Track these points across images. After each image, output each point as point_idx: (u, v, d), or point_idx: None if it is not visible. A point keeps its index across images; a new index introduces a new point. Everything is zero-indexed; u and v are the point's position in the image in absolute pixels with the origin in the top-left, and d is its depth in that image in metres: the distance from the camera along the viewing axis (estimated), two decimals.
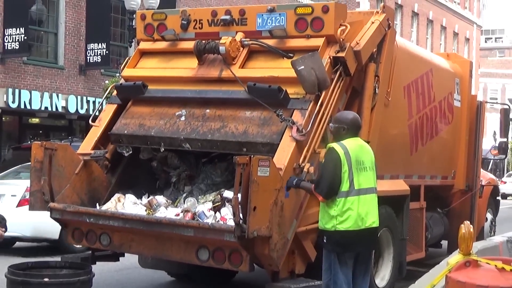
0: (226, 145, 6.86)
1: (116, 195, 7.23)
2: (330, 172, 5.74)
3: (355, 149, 5.86)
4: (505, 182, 35.30)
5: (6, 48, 19.11)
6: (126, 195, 7.24)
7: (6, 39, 19.04)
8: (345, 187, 5.74)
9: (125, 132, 7.40)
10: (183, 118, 7.22)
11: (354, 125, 6.05)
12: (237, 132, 6.80)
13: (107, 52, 21.16)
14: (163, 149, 7.37)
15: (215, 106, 7.18)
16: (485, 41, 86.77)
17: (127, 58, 8.22)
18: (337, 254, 5.79)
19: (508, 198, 32.74)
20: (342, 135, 5.93)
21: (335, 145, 5.84)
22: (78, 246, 8.62)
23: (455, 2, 47.23)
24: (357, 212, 5.74)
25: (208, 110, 7.16)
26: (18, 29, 18.88)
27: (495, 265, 4.20)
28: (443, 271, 4.34)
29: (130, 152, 7.52)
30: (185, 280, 8.83)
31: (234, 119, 6.95)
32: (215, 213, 6.79)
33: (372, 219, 5.85)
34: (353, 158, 5.79)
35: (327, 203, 5.78)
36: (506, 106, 12.39)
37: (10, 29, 18.97)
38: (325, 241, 5.84)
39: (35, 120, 20.87)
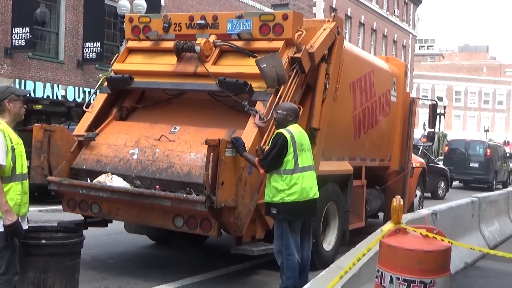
0: (172, 184, 6.47)
1: None
2: (276, 153, 5.72)
3: (298, 134, 5.87)
4: None
5: (13, 44, 18.86)
6: None
7: (14, 36, 18.79)
8: (290, 165, 5.72)
9: (84, 167, 7.04)
10: (135, 157, 6.85)
11: (297, 113, 6.09)
12: (182, 173, 6.45)
13: (101, 50, 20.95)
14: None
15: (164, 146, 6.76)
16: (419, 48, 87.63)
17: (116, 55, 8.09)
18: (288, 223, 5.76)
19: None
20: (288, 122, 5.91)
21: (283, 131, 5.81)
22: None
23: (395, 15, 47.56)
24: (301, 186, 5.73)
25: (158, 150, 6.77)
26: (24, 28, 18.66)
27: (420, 233, 4.23)
28: (377, 237, 4.34)
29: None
30: (163, 243, 8.79)
31: (180, 159, 6.58)
32: None
33: (314, 191, 5.89)
34: (297, 142, 5.79)
35: (274, 179, 5.76)
36: (434, 102, 12.54)
37: (17, 28, 18.76)
38: (274, 212, 5.77)
39: (39, 107, 20.51)
